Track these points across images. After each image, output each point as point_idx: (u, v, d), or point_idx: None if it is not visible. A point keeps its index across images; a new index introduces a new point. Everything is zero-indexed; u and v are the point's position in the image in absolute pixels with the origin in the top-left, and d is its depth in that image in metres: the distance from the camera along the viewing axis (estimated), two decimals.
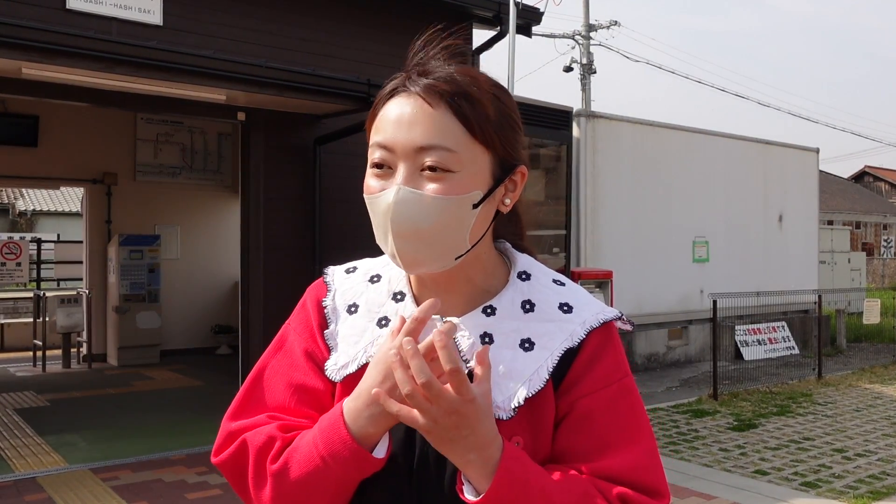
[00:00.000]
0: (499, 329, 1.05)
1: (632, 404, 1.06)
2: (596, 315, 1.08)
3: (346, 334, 1.12)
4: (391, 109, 1.02)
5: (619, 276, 8.12)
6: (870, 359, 11.80)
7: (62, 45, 5.05)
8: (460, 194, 0.99)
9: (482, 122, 1.00)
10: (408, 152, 0.99)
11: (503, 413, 1.01)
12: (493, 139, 1.02)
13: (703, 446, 6.44)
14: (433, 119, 0.99)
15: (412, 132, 0.99)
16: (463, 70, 1.04)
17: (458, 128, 0.99)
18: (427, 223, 0.98)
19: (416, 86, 1.01)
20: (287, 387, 1.11)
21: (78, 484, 5.28)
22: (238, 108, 6.64)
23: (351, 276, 1.18)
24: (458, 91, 1.00)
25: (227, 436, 1.10)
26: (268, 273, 6.76)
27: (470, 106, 1.00)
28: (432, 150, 0.98)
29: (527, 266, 1.14)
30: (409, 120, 0.99)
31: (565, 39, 23.60)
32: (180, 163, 11.46)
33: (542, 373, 1.03)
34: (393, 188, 0.99)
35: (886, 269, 28.85)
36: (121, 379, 9.63)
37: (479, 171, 1.01)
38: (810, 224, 13.53)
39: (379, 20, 7.43)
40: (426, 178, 0.98)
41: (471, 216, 1.01)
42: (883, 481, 5.49)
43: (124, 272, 10.69)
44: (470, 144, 1.00)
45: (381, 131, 1.02)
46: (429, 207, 0.98)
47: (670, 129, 11.26)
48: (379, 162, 1.01)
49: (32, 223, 23.65)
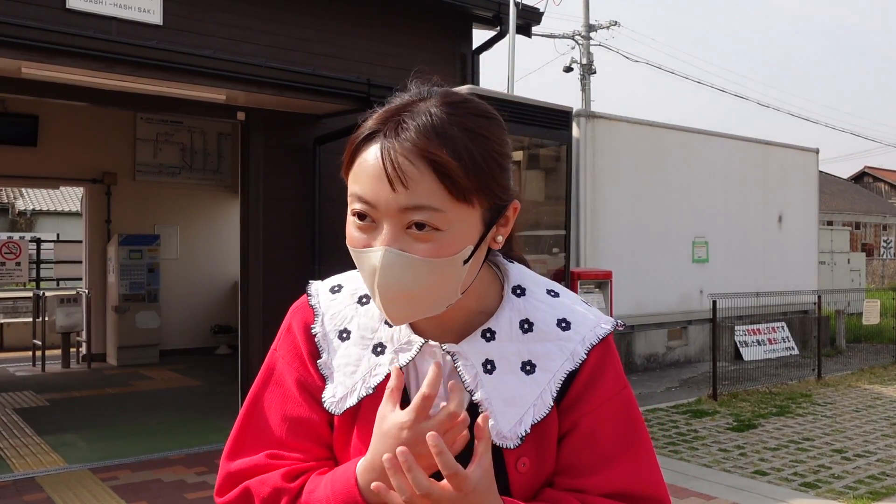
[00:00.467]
0: (500, 354, 1.04)
1: (631, 416, 1.08)
2: (593, 330, 1.08)
3: (340, 364, 1.08)
4: (369, 160, 0.95)
5: (619, 277, 8.11)
6: (869, 359, 11.80)
7: (62, 45, 5.06)
8: (450, 255, 0.95)
9: (459, 184, 0.93)
10: (391, 211, 0.93)
11: (510, 442, 1.01)
12: (479, 194, 0.96)
13: (702, 447, 6.44)
14: (416, 180, 0.92)
15: (395, 191, 0.92)
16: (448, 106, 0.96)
17: (442, 190, 0.93)
18: (416, 285, 0.95)
19: (396, 140, 0.94)
20: (282, 421, 1.09)
21: (77, 484, 5.27)
22: (238, 108, 6.64)
23: (337, 297, 1.14)
24: (439, 147, 0.93)
25: (226, 477, 1.09)
26: (267, 273, 6.76)
27: (455, 163, 0.93)
28: (418, 210, 0.93)
29: (520, 279, 1.11)
30: (390, 177, 0.92)
31: (565, 39, 23.62)
32: (180, 162, 11.46)
33: (547, 398, 1.03)
34: (379, 250, 0.94)
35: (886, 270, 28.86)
36: (120, 379, 9.63)
37: (468, 227, 0.96)
38: (810, 224, 13.53)
39: (379, 20, 7.43)
40: (413, 237, 0.94)
41: (462, 271, 0.98)
42: (882, 482, 5.49)
43: (124, 272, 10.69)
44: (456, 205, 0.94)
45: (361, 183, 0.96)
46: (418, 270, 0.94)
47: (670, 130, 11.26)
48: (361, 213, 0.96)
49: (32, 223, 23.65)
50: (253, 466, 1.07)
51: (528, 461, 1.03)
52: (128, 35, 5.77)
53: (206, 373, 10.04)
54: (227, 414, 7.20)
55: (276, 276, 6.76)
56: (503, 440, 1.01)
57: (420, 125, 0.94)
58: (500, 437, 1.01)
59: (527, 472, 1.03)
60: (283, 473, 1.04)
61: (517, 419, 1.02)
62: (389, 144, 0.93)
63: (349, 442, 1.07)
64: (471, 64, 8.10)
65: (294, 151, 6.97)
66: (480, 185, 0.95)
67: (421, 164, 0.92)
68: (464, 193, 0.94)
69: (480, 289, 1.07)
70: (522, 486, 1.03)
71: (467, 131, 0.96)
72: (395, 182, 0.92)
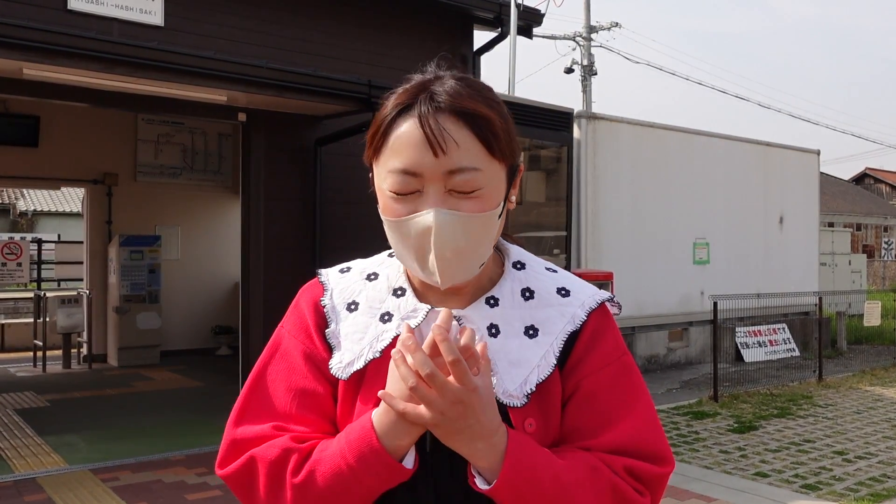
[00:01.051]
0: (503, 318, 1.09)
1: (632, 379, 1.11)
2: (592, 297, 1.14)
3: (348, 332, 1.12)
4: (406, 132, 1.02)
5: (620, 278, 8.12)
6: (870, 361, 11.79)
7: (63, 46, 5.06)
8: (491, 209, 1.04)
9: (498, 140, 1.03)
10: (437, 175, 1.00)
11: (517, 400, 1.05)
12: (506, 153, 1.05)
13: (703, 448, 6.43)
14: (462, 140, 1.00)
15: (438, 156, 1.00)
16: (468, 84, 1.05)
17: (481, 148, 1.01)
18: (466, 241, 1.02)
19: (430, 107, 1.01)
20: (287, 391, 1.11)
21: (78, 484, 5.27)
22: (239, 109, 6.65)
23: (346, 276, 1.19)
24: (474, 112, 1.01)
25: (230, 444, 1.10)
26: (268, 274, 6.76)
27: (487, 125, 1.02)
28: (464, 171, 1.00)
29: (519, 256, 1.18)
30: (433, 142, 0.99)
31: (566, 41, 23.62)
32: (181, 163, 11.47)
33: (550, 358, 1.08)
34: (430, 212, 1.01)
35: (887, 271, 28.83)
36: (121, 379, 9.63)
37: (499, 183, 1.05)
38: (811, 226, 13.52)
39: (380, 21, 7.43)
40: (457, 197, 1.01)
41: (497, 224, 1.07)
42: (884, 484, 5.48)
43: (125, 273, 10.69)
44: (490, 162, 1.03)
45: (401, 156, 1.01)
46: (467, 226, 1.02)
47: (671, 131, 11.25)
48: (403, 188, 1.02)
49: (33, 223, 23.67)
50: (259, 436, 1.08)
51: (534, 422, 1.06)
52: (129, 36, 5.77)
53: (206, 373, 10.04)
54: (228, 415, 7.19)
55: (276, 277, 6.76)
56: (510, 398, 1.04)
57: (450, 90, 1.02)
58: (506, 395, 1.04)
59: (534, 432, 1.05)
60: (293, 437, 1.06)
61: (522, 379, 1.06)
62: (426, 111, 1.00)
63: (353, 406, 1.09)
64: (472, 65, 8.10)
65: (295, 152, 6.98)
66: (508, 143, 1.05)
67: (461, 124, 1.01)
68: (499, 148, 1.03)
69: (487, 264, 1.12)
70: None
71: (489, 98, 1.06)
72: (438, 147, 0.99)
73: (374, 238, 1.08)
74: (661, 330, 10.98)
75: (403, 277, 1.15)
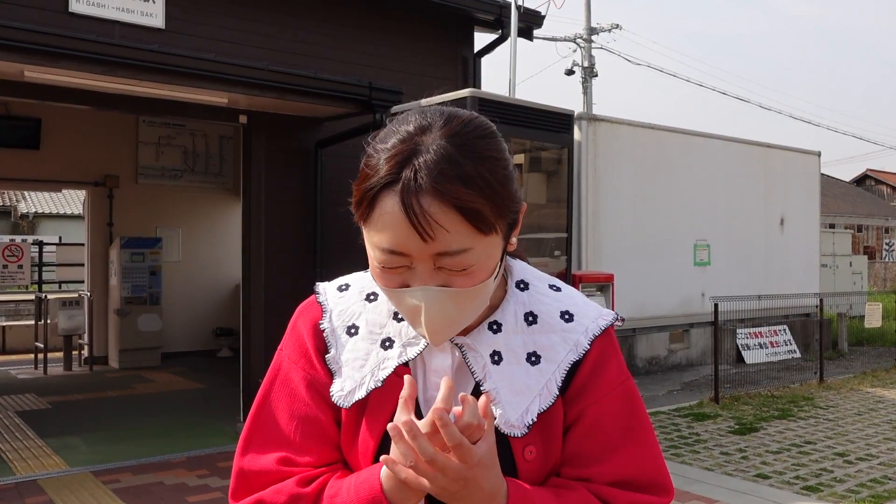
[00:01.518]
0: (506, 345, 1.08)
1: (634, 406, 1.11)
2: (596, 321, 1.12)
3: (349, 358, 1.10)
4: (391, 211, 0.95)
5: (621, 279, 8.11)
6: (871, 362, 11.79)
7: (65, 49, 5.07)
8: (484, 280, 1.00)
9: (487, 221, 0.96)
10: (424, 256, 0.96)
11: (517, 431, 1.04)
12: (501, 219, 0.99)
13: (704, 450, 6.43)
14: (447, 226, 0.94)
15: (427, 239, 0.94)
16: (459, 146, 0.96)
17: (470, 229, 0.95)
18: (458, 313, 1.00)
19: (415, 187, 0.93)
20: (290, 419, 1.11)
21: (79, 486, 5.28)
22: (240, 111, 6.65)
23: (345, 295, 1.16)
24: (459, 187, 0.94)
25: (238, 474, 1.11)
26: (269, 276, 6.77)
27: (479, 198, 0.95)
28: (451, 255, 0.96)
29: (522, 274, 1.16)
30: (419, 230, 0.93)
31: (567, 42, 23.63)
32: (182, 165, 11.48)
33: (552, 388, 1.07)
34: (419, 290, 0.98)
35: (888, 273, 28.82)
36: (122, 381, 9.64)
37: (494, 250, 1.00)
38: (812, 227, 13.51)
39: (381, 23, 7.44)
40: (447, 273, 0.98)
41: (493, 286, 1.04)
42: (885, 485, 5.48)
43: (126, 275, 10.70)
44: (481, 239, 0.97)
45: (386, 234, 0.96)
46: (458, 299, 0.99)
47: (672, 133, 11.26)
48: (391, 264, 0.98)
49: (34, 226, 23.68)
50: (265, 470, 1.08)
51: (534, 450, 1.06)
52: (130, 39, 5.79)
53: (207, 376, 10.04)
54: (229, 417, 7.20)
55: (277, 279, 6.76)
56: (511, 428, 1.04)
57: (434, 166, 0.94)
58: (507, 425, 1.04)
59: (534, 459, 1.06)
60: (298, 479, 1.06)
61: (524, 408, 1.05)
62: (410, 196, 0.93)
63: (357, 435, 1.08)
64: (472, 67, 8.11)
65: (296, 154, 6.98)
66: (501, 211, 0.99)
67: (447, 209, 0.93)
68: (490, 226, 0.97)
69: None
70: (530, 473, 1.05)
71: (478, 159, 0.97)
72: (424, 234, 0.94)
73: None
74: (661, 331, 10.98)
75: None
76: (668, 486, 1.10)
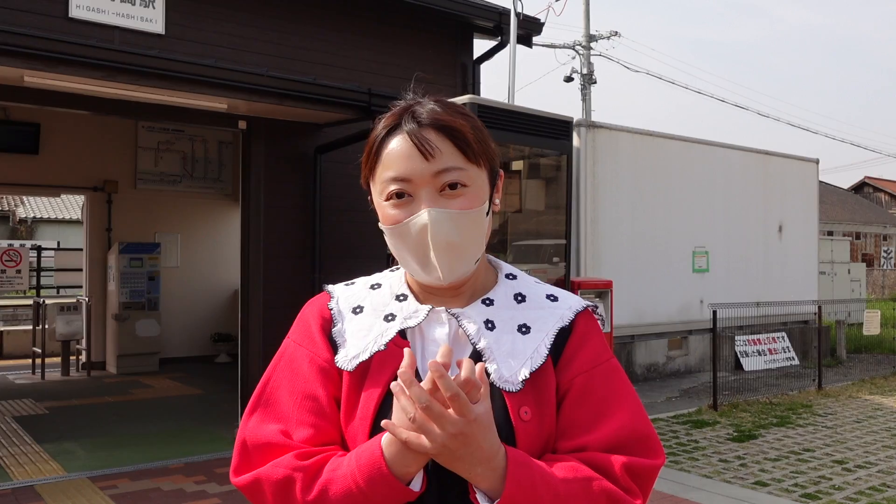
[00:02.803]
0: (498, 317, 1.21)
1: (620, 378, 1.22)
2: (578, 301, 1.27)
3: (353, 330, 1.21)
4: (396, 146, 1.15)
5: (619, 286, 8.11)
6: (870, 370, 11.78)
7: (64, 54, 5.07)
8: (478, 206, 1.16)
9: (471, 147, 1.16)
10: (426, 178, 1.14)
11: (511, 386, 1.13)
12: (482, 158, 1.18)
13: (702, 457, 6.42)
14: (442, 146, 1.14)
15: (427, 160, 1.13)
16: (443, 104, 1.19)
17: (459, 154, 1.15)
18: (459, 236, 1.14)
19: (414, 124, 1.15)
20: (291, 395, 1.19)
21: (76, 492, 5.26)
22: (239, 117, 6.66)
23: (351, 287, 1.30)
24: (450, 125, 1.15)
25: (240, 445, 1.18)
26: (268, 281, 6.76)
27: (461, 135, 1.16)
28: (449, 171, 1.14)
29: (510, 270, 1.31)
30: (421, 150, 1.13)
31: (566, 50, 23.69)
32: (181, 171, 11.48)
33: (542, 350, 1.18)
34: (423, 212, 1.13)
35: (886, 280, 28.84)
36: (120, 387, 9.62)
37: (482, 184, 1.19)
38: (810, 235, 13.53)
39: (380, 30, 7.45)
40: (447, 196, 1.14)
41: (485, 223, 1.19)
42: (883, 493, 5.47)
43: (124, 280, 10.69)
44: (469, 165, 1.16)
45: (393, 166, 1.15)
46: (458, 222, 1.14)
47: (670, 139, 11.27)
48: (398, 192, 1.14)
49: (32, 231, 23.67)
50: (266, 442, 1.15)
51: (529, 410, 1.13)
52: (130, 44, 5.79)
53: (206, 381, 10.02)
54: (227, 423, 7.19)
55: (276, 285, 6.76)
56: (505, 383, 1.13)
57: (429, 110, 1.17)
58: (502, 380, 1.14)
59: (529, 420, 1.13)
60: (297, 454, 1.12)
61: (517, 368, 1.15)
62: (412, 127, 1.15)
63: (357, 401, 1.16)
64: (471, 73, 8.12)
65: (295, 160, 6.99)
66: (483, 149, 1.18)
67: (440, 136, 1.14)
68: (475, 155, 1.17)
69: (482, 269, 1.25)
70: (526, 434, 1.12)
71: (462, 113, 1.20)
72: (426, 153, 1.13)
73: (374, 245, 1.11)
74: (660, 338, 10.97)
75: (405, 285, 1.25)
76: (659, 447, 1.17)
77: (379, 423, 1.08)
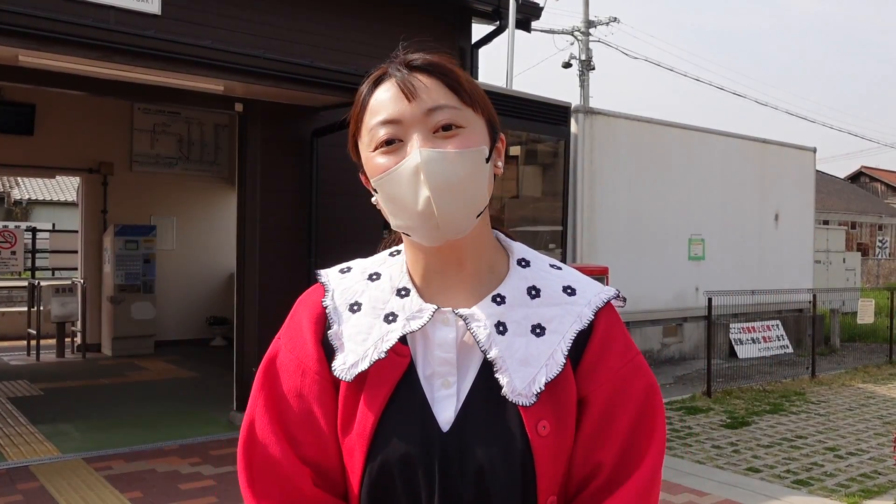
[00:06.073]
0: (510, 317, 1.08)
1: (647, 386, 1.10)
2: (598, 295, 1.13)
3: (351, 333, 1.10)
4: (384, 92, 1.08)
5: (615, 273, 8.11)
6: (863, 358, 11.84)
7: (60, 33, 5.03)
8: (474, 147, 1.05)
9: (463, 88, 1.07)
10: (417, 118, 1.04)
11: (525, 399, 1.03)
12: (476, 102, 1.09)
13: (696, 443, 6.46)
14: (432, 86, 1.06)
15: (416, 99, 1.04)
16: (431, 53, 1.11)
17: (451, 94, 1.06)
18: (455, 176, 1.02)
19: (402, 69, 1.07)
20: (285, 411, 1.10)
21: (71, 473, 5.27)
22: (236, 99, 6.63)
23: (347, 276, 1.17)
24: (438, 66, 1.08)
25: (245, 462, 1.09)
26: (263, 265, 6.76)
27: (452, 75, 1.08)
28: (441, 109, 1.04)
29: (523, 253, 1.17)
30: (409, 90, 1.05)
31: (564, 35, 23.61)
32: (177, 153, 11.44)
33: (559, 357, 1.06)
34: (414, 152, 1.02)
35: (881, 270, 28.93)
36: (115, 369, 9.62)
37: (479, 129, 1.08)
38: (806, 223, 13.55)
39: (378, 12, 7.41)
40: (441, 137, 1.04)
41: (485, 169, 1.07)
42: (874, 480, 5.51)
43: (119, 262, 10.67)
44: (463, 107, 1.06)
45: (381, 111, 1.06)
46: (454, 162, 1.03)
47: (668, 127, 11.25)
48: (388, 138, 1.05)
49: (28, 212, 23.60)
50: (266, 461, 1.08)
51: (548, 424, 1.04)
52: (126, 24, 5.74)
53: (200, 364, 10.04)
54: (222, 406, 7.20)
55: (272, 268, 6.75)
56: (518, 397, 1.03)
57: (418, 56, 1.09)
58: (515, 394, 1.03)
59: (548, 435, 1.04)
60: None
61: (531, 377, 1.05)
62: (399, 72, 1.07)
63: (356, 408, 1.07)
64: (469, 58, 8.09)
65: (292, 143, 6.96)
66: (477, 96, 1.09)
67: (432, 77, 1.06)
68: (469, 97, 1.07)
69: (489, 249, 1.14)
70: (545, 450, 1.03)
71: (450, 61, 1.11)
72: (414, 93, 1.04)
73: (370, 229, 1.09)
74: (655, 325, 11.00)
75: (406, 277, 1.13)
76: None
77: (377, 440, 1.03)
